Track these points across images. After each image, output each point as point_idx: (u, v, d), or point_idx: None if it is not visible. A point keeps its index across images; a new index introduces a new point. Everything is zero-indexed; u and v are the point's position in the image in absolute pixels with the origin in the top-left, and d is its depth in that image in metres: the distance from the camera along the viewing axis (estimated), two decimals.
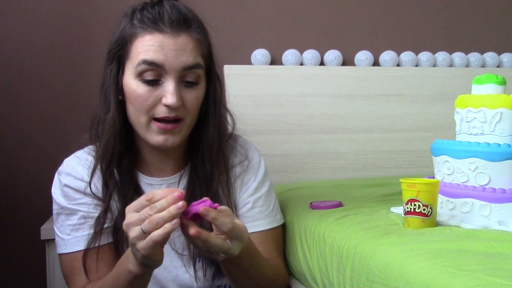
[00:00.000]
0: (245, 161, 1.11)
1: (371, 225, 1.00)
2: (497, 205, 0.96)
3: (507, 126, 1.01)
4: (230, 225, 0.81)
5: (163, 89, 0.94)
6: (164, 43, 0.93)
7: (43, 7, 1.77)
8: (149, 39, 0.93)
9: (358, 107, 1.91)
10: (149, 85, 0.94)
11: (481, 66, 2.13)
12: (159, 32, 0.93)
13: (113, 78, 0.98)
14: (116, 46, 0.98)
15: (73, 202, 1.00)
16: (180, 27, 0.95)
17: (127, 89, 0.97)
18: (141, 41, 0.94)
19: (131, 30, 0.96)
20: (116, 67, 0.98)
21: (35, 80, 1.77)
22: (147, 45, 0.93)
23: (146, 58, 0.93)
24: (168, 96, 0.93)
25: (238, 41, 1.94)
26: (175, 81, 0.94)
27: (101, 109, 1.00)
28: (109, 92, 0.98)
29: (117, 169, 1.01)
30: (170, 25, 0.94)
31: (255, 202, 1.09)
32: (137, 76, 0.94)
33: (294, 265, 1.17)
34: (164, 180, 1.06)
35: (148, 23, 0.94)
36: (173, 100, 0.93)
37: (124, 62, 0.97)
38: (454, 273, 0.69)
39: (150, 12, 0.95)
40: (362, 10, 2.06)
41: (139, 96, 0.94)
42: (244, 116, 1.14)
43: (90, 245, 0.98)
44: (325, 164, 1.85)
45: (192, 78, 0.97)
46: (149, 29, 0.94)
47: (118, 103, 0.98)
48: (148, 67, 0.93)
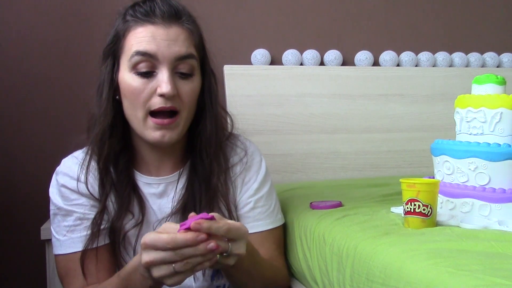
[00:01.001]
0: (244, 159, 1.10)
1: (371, 225, 1.00)
2: (497, 205, 0.96)
3: (507, 126, 1.01)
4: (225, 227, 0.80)
5: (157, 80, 0.95)
6: (156, 33, 0.95)
7: (43, 6, 1.77)
8: (141, 31, 0.95)
9: (358, 107, 1.91)
10: (143, 77, 0.95)
11: (481, 66, 2.13)
12: (150, 24, 0.95)
13: (108, 75, 0.99)
14: (110, 42, 1.00)
15: (69, 203, 0.99)
16: (171, 19, 0.97)
17: (122, 84, 0.97)
18: (133, 34, 0.96)
19: (124, 25, 0.98)
20: (111, 64, 0.99)
21: (35, 80, 1.77)
22: (140, 37, 0.95)
23: (139, 49, 0.94)
24: (162, 85, 0.94)
25: (238, 41, 1.93)
26: (168, 70, 0.95)
27: (96, 107, 1.00)
28: (104, 89, 0.99)
29: (113, 169, 1.01)
30: (161, 17, 0.96)
31: (256, 202, 1.09)
32: (131, 69, 0.95)
33: (294, 265, 1.17)
34: (162, 179, 1.05)
35: (140, 16, 0.96)
36: (168, 89, 0.93)
37: (119, 58, 0.99)
38: (454, 273, 0.69)
39: (142, 7, 0.98)
40: (362, 10, 2.06)
41: (135, 89, 0.95)
42: (244, 116, 1.14)
43: (87, 246, 0.97)
44: (325, 164, 1.85)
45: (186, 69, 0.98)
46: (141, 21, 0.96)
47: (113, 100, 0.99)
48: (141, 58, 0.94)
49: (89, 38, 1.78)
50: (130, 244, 1.02)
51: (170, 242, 0.76)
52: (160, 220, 1.03)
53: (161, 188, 1.05)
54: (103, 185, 1.00)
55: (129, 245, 1.02)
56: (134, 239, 1.01)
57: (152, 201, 1.04)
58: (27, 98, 1.76)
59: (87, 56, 1.77)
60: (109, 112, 0.98)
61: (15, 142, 1.75)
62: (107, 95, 0.98)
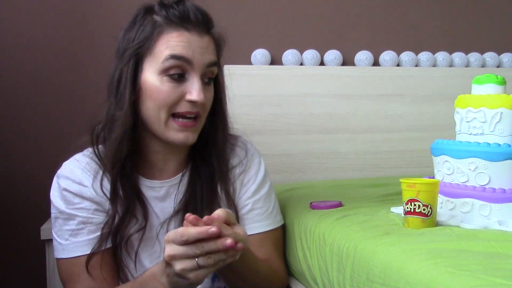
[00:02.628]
0: (244, 160, 1.10)
1: (371, 225, 1.00)
2: (497, 205, 0.96)
3: (507, 126, 1.01)
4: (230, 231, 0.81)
5: (187, 85, 0.96)
6: (191, 40, 0.96)
7: (44, 7, 1.77)
8: (177, 35, 0.95)
9: (358, 107, 1.91)
10: (174, 81, 0.95)
11: (481, 66, 2.13)
12: (186, 30, 0.96)
13: (130, 76, 0.96)
14: (137, 43, 0.96)
15: (72, 207, 0.98)
16: (204, 28, 0.98)
17: (147, 85, 0.96)
18: (167, 38, 0.95)
19: (155, 27, 0.96)
20: (134, 65, 0.96)
21: (35, 81, 1.77)
22: (175, 41, 0.95)
23: (175, 53, 0.94)
24: (194, 92, 0.95)
25: (238, 41, 1.93)
26: (200, 78, 0.96)
27: (111, 107, 0.98)
28: (125, 90, 0.96)
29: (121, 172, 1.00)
30: (196, 25, 0.96)
31: (254, 204, 1.09)
32: (161, 72, 0.95)
33: (294, 265, 1.17)
34: (165, 182, 1.05)
35: (175, 20, 0.96)
36: (201, 97, 0.95)
37: (143, 59, 0.96)
38: (454, 273, 0.69)
39: (176, 9, 0.96)
40: (362, 10, 2.06)
41: (163, 92, 0.95)
42: (244, 116, 1.14)
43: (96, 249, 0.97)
44: (325, 164, 1.86)
45: (210, 76, 1.00)
46: (175, 26, 0.95)
47: (133, 101, 0.97)
48: (176, 62, 0.94)
49: (91, 40, 1.78)
50: (132, 248, 1.01)
51: (184, 235, 0.78)
52: (162, 222, 1.03)
53: (163, 191, 1.04)
54: (115, 187, 0.99)
55: (131, 249, 1.02)
56: (137, 243, 1.01)
57: (155, 204, 1.04)
58: (27, 99, 1.76)
59: (87, 58, 1.77)
60: (130, 114, 0.96)
61: (15, 142, 1.75)
62: (129, 97, 0.96)
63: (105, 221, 0.98)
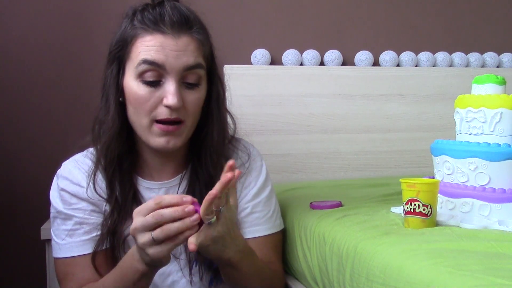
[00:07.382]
0: (246, 163, 1.10)
1: (371, 225, 1.00)
2: (497, 205, 0.96)
3: (507, 126, 1.01)
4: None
5: (163, 90, 0.93)
6: (165, 43, 0.92)
7: (45, 7, 1.77)
8: (150, 39, 0.93)
9: (358, 107, 1.91)
10: (149, 86, 0.93)
11: (481, 66, 2.13)
12: (160, 32, 0.93)
13: (113, 80, 0.97)
14: (117, 47, 0.97)
15: (69, 207, 0.99)
16: (181, 28, 0.94)
17: (127, 90, 0.96)
18: (141, 42, 0.93)
19: (132, 31, 0.95)
20: (117, 68, 0.97)
21: (36, 81, 1.77)
22: (148, 45, 0.93)
23: (147, 58, 0.92)
24: (169, 97, 0.92)
25: (238, 41, 1.93)
26: (176, 81, 0.93)
27: (101, 110, 0.99)
28: (109, 93, 0.97)
29: (118, 172, 1.00)
30: (171, 26, 0.93)
31: (254, 207, 1.08)
32: (137, 77, 0.94)
33: (294, 265, 1.17)
34: (164, 183, 1.05)
35: (149, 24, 0.94)
36: (174, 101, 0.92)
37: (125, 63, 0.97)
38: (454, 273, 0.69)
39: (151, 13, 0.95)
40: (362, 10, 2.06)
41: (140, 97, 0.94)
42: (244, 116, 1.14)
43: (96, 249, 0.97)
44: (325, 164, 1.86)
45: (193, 79, 0.96)
46: (150, 29, 0.93)
47: (118, 104, 0.98)
48: (148, 67, 0.92)
49: (90, 40, 1.78)
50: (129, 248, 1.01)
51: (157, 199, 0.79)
52: None
53: (162, 192, 1.04)
54: (112, 187, 0.99)
55: (128, 249, 1.02)
56: (133, 243, 1.01)
57: None
58: (27, 99, 1.76)
59: (87, 57, 1.78)
60: (117, 118, 0.97)
61: (15, 142, 1.75)
62: (113, 100, 0.97)
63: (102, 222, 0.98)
